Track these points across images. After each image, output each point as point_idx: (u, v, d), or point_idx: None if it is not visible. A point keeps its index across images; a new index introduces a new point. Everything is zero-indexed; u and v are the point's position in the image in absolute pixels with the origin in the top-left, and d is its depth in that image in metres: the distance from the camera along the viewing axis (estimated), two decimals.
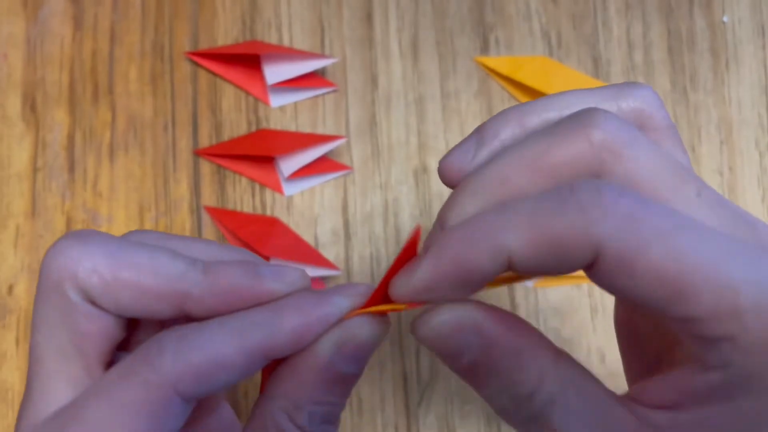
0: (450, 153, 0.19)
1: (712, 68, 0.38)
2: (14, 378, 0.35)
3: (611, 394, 0.17)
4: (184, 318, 0.19)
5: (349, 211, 0.36)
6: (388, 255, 0.36)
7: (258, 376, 0.35)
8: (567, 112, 0.18)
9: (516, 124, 0.18)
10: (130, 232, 0.20)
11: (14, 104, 0.37)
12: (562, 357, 0.17)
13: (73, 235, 0.18)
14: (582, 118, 0.16)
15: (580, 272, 0.37)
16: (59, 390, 0.18)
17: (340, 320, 0.18)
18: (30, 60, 0.37)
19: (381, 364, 0.35)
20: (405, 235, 0.36)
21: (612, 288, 0.15)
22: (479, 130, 0.19)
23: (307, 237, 0.36)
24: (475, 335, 0.16)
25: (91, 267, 0.17)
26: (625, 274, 0.15)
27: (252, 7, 0.38)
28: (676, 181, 0.16)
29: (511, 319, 0.17)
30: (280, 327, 0.17)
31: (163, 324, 0.21)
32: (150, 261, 0.18)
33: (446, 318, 0.17)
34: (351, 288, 0.19)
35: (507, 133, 0.18)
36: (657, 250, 0.14)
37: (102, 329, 0.18)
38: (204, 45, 0.38)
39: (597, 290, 0.36)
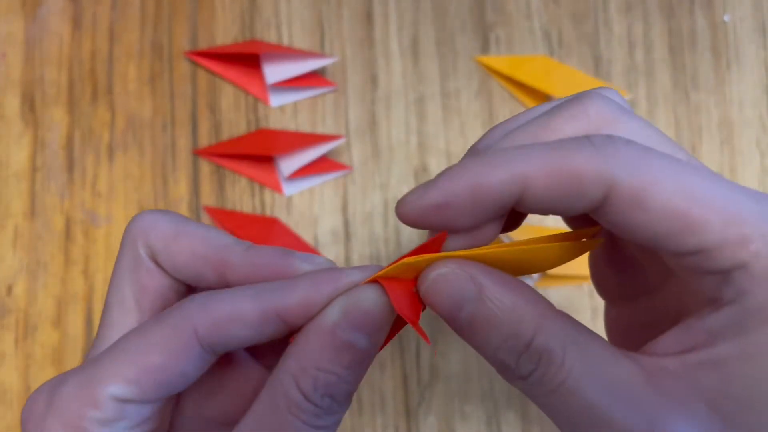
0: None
1: (713, 68, 0.38)
2: (13, 378, 0.35)
3: (614, 348, 0.17)
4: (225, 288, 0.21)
5: (349, 211, 0.36)
6: (388, 255, 0.36)
7: None
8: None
9: (502, 135, 0.19)
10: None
11: (13, 104, 0.37)
12: (559, 313, 0.17)
13: (155, 209, 0.22)
14: (579, 97, 0.18)
15: (581, 272, 0.37)
16: (114, 339, 0.20)
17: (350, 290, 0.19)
18: (29, 59, 0.37)
19: (381, 364, 0.35)
20: (405, 235, 0.36)
21: (623, 225, 0.16)
22: (470, 150, 0.20)
23: (307, 237, 0.36)
24: (472, 287, 0.17)
25: (161, 230, 0.21)
26: (638, 209, 0.15)
27: (251, 6, 0.38)
28: (666, 149, 0.17)
29: (506, 276, 0.18)
30: (293, 290, 0.19)
31: None
32: (205, 233, 0.21)
33: (445, 270, 0.18)
34: (365, 266, 0.20)
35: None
36: (668, 185, 0.15)
37: (158, 287, 0.21)
38: (203, 44, 0.38)
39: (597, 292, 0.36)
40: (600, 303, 0.36)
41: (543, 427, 0.35)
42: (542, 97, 0.37)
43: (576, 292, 0.36)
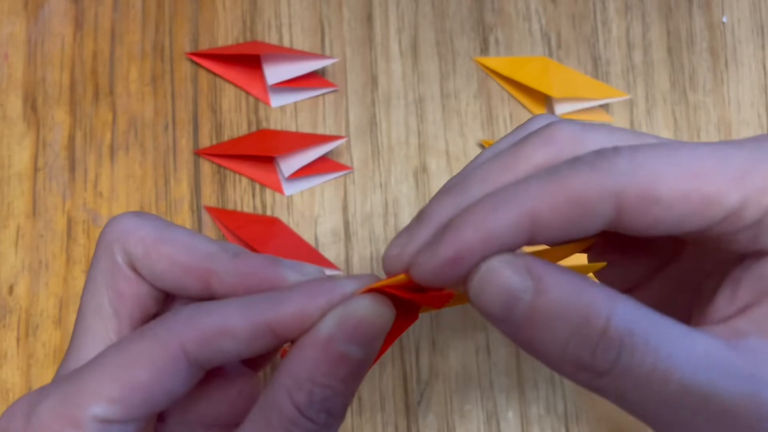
0: (390, 244, 0.19)
1: (711, 68, 0.38)
2: (15, 378, 0.35)
3: (685, 325, 0.16)
4: (210, 299, 0.20)
5: (349, 211, 0.37)
6: None
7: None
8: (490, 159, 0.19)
9: (451, 201, 0.18)
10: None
11: (15, 104, 0.37)
12: (624, 295, 0.16)
13: (133, 212, 0.21)
14: (541, 129, 0.18)
15: (580, 272, 0.37)
16: (92, 346, 0.20)
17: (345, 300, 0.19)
18: (31, 60, 0.38)
19: (381, 363, 0.35)
20: None
21: (643, 226, 0.16)
22: (418, 215, 0.19)
23: (308, 237, 0.36)
24: (528, 277, 0.16)
25: (139, 236, 0.20)
26: (652, 206, 0.15)
27: (252, 8, 0.38)
28: (636, 140, 0.18)
29: (559, 265, 0.16)
30: (285, 302, 0.18)
31: None
32: (188, 240, 0.20)
33: (496, 263, 0.16)
34: (358, 275, 0.19)
35: (444, 213, 0.18)
36: (670, 171, 0.15)
37: (137, 294, 0.20)
38: (204, 45, 0.38)
39: None
40: None
41: (542, 427, 0.35)
42: (541, 97, 0.38)
43: None
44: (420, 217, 0.18)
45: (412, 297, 0.18)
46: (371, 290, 0.18)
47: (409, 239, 0.18)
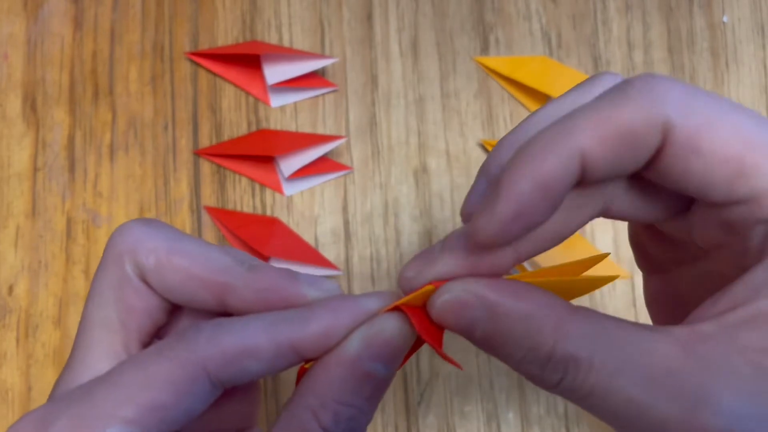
0: (465, 200, 0.19)
1: (711, 68, 0.38)
2: (14, 378, 0.35)
3: (646, 329, 0.16)
4: (223, 313, 0.20)
5: (349, 211, 0.36)
6: (388, 255, 0.36)
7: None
8: (550, 119, 0.19)
9: (511, 148, 0.18)
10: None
11: (14, 104, 0.37)
12: (578, 313, 0.16)
13: (141, 219, 0.20)
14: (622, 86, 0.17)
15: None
16: (98, 360, 0.19)
17: (369, 319, 0.18)
18: (30, 60, 0.37)
19: None
20: (405, 235, 0.36)
21: (676, 174, 0.15)
22: (482, 169, 0.19)
23: (307, 237, 0.36)
24: (481, 307, 0.16)
25: (150, 247, 0.19)
26: (694, 154, 0.15)
27: (252, 7, 0.38)
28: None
29: (515, 286, 0.17)
30: (310, 321, 0.18)
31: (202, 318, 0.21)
32: (202, 252, 0.19)
33: (449, 296, 0.17)
34: (379, 293, 0.19)
35: (506, 158, 0.18)
36: (722, 127, 0.15)
37: (147, 307, 0.20)
38: (204, 45, 0.38)
39: (598, 291, 0.36)
40: (599, 303, 0.36)
41: (543, 427, 0.35)
42: (542, 97, 0.38)
43: None
44: (496, 187, 0.17)
45: (430, 335, 0.18)
46: (395, 308, 0.18)
47: (425, 263, 0.18)
